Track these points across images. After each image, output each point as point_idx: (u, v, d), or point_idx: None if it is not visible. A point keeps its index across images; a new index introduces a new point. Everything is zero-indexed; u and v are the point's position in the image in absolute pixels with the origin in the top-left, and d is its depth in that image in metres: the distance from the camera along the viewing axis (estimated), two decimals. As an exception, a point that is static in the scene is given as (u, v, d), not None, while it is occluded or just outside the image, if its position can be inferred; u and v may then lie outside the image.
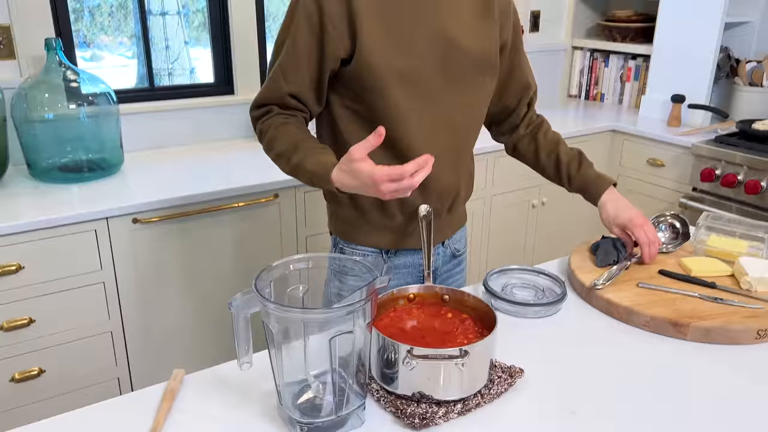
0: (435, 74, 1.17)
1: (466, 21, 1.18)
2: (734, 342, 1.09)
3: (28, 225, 1.65)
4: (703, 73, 2.70)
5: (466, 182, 1.34)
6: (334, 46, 1.12)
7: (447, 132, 1.23)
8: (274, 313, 0.79)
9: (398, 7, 1.13)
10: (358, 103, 1.18)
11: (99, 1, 2.58)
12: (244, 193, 1.94)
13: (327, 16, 1.10)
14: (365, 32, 1.10)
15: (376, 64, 1.12)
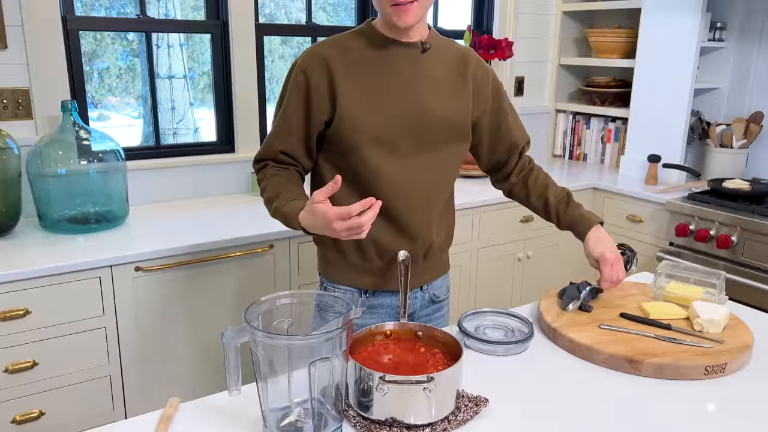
0: (408, 139, 1.32)
1: (440, 92, 1.34)
2: (684, 377, 1.19)
3: (37, 272, 1.77)
4: (677, 135, 2.87)
5: (441, 232, 1.46)
6: (318, 112, 1.31)
7: (420, 187, 1.36)
8: (261, 340, 0.90)
9: (377, 78, 1.30)
10: (339, 160, 1.34)
11: (108, 63, 2.76)
12: (241, 244, 2.06)
13: (313, 87, 1.30)
14: (344, 100, 1.29)
15: (351, 127, 1.29)
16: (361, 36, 1.34)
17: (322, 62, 1.30)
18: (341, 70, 1.29)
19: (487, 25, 3.23)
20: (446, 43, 1.40)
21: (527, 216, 2.80)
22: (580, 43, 3.49)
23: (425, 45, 1.34)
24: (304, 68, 1.31)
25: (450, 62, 1.38)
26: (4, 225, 2.00)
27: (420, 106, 1.31)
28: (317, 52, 1.32)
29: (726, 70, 2.95)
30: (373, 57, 1.31)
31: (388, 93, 1.30)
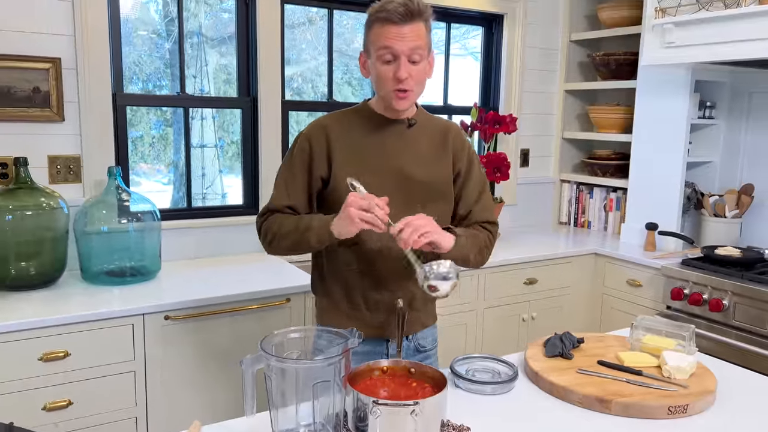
0: (393, 199, 1.47)
1: (423, 160, 1.57)
2: (649, 416, 1.33)
3: (77, 318, 1.97)
4: (672, 204, 3.05)
5: None
6: (317, 170, 1.55)
7: None
8: (273, 364, 1.08)
9: (366, 151, 1.55)
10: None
11: (142, 132, 3.05)
12: (260, 297, 2.25)
13: (314, 150, 1.55)
14: (338, 163, 1.54)
15: (343, 188, 1.50)
16: (357, 112, 1.60)
17: (322, 131, 1.56)
18: (338, 138, 1.54)
19: (493, 103, 3.50)
20: (431, 119, 1.65)
21: (531, 278, 2.96)
22: (582, 118, 3.74)
23: (411, 121, 1.59)
24: (309, 136, 1.57)
25: (433, 135, 1.61)
26: (51, 277, 2.23)
27: (404, 172, 1.55)
28: (319, 123, 1.58)
29: (717, 145, 3.15)
30: (366, 130, 1.56)
31: (377, 160, 1.54)
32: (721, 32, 2.50)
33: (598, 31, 3.50)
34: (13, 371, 1.90)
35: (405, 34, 1.44)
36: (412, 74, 1.47)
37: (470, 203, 1.66)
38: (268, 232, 1.56)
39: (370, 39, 1.49)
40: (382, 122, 1.57)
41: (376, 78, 1.51)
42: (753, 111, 3.03)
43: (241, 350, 2.26)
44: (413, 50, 1.45)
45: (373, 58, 1.50)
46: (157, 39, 2.72)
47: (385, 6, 1.45)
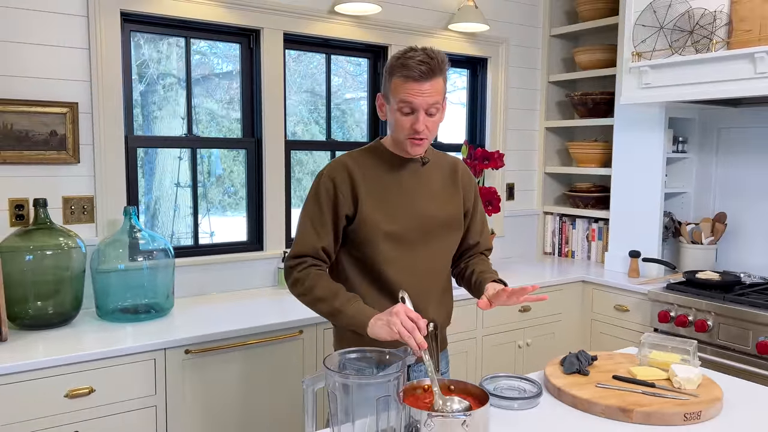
0: (413, 234, 1.65)
1: (436, 194, 1.71)
2: (668, 423, 1.45)
3: (101, 354, 2.01)
4: (653, 233, 3.24)
5: (442, 313, 1.76)
6: (343, 208, 1.62)
7: (423, 272, 1.68)
8: (338, 380, 1.17)
9: (386, 189, 1.65)
10: (357, 251, 1.66)
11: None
12: (274, 330, 2.33)
13: (339, 189, 1.63)
14: (363, 204, 1.62)
15: (371, 226, 1.61)
16: (373, 152, 1.69)
17: (344, 169, 1.64)
18: (359, 178, 1.63)
19: (479, 140, 3.69)
20: (440, 155, 1.78)
21: (525, 306, 3.09)
22: (562, 154, 3.95)
23: (424, 159, 1.71)
24: (332, 176, 1.64)
25: (444, 171, 1.75)
26: (68, 315, 2.26)
27: (424, 210, 1.66)
28: (340, 162, 1.66)
29: (691, 177, 3.38)
30: (385, 168, 1.67)
31: (398, 199, 1.65)
32: (692, 74, 2.73)
33: (574, 72, 3.74)
34: (41, 408, 1.92)
35: (425, 90, 1.53)
36: (429, 126, 1.59)
37: (477, 235, 1.85)
38: (299, 283, 1.62)
39: (391, 88, 1.58)
40: (399, 161, 1.68)
41: (393, 124, 1.61)
42: (721, 145, 3.27)
43: (258, 382, 2.31)
44: (431, 105, 1.56)
45: (392, 106, 1.60)
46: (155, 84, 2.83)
47: (407, 61, 1.52)
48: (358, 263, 1.67)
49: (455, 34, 3.42)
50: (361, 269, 1.67)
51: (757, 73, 2.51)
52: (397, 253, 1.64)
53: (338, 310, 1.56)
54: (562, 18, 3.84)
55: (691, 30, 2.73)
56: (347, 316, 1.54)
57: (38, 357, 1.92)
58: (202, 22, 2.68)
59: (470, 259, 1.85)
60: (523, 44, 3.74)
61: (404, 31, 3.21)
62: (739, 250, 3.21)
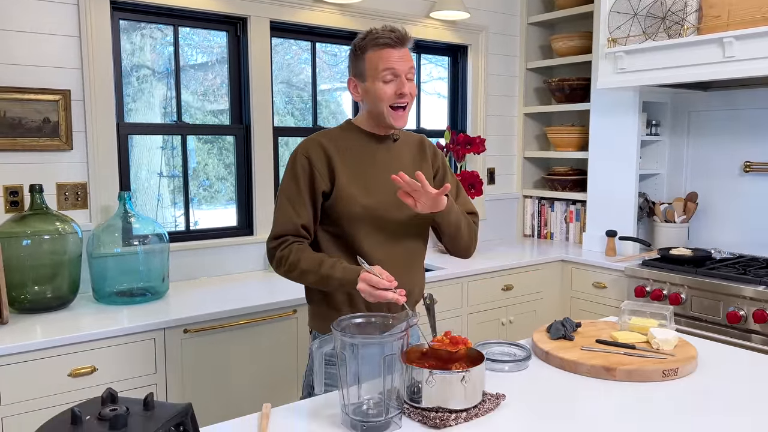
0: (388, 207, 1.70)
1: (408, 168, 1.75)
2: (648, 380, 1.57)
3: (102, 334, 2.07)
4: (628, 213, 3.38)
5: (415, 289, 1.81)
6: (319, 184, 1.66)
7: (399, 247, 1.73)
8: (347, 341, 1.25)
9: (361, 164, 1.70)
10: (335, 227, 1.69)
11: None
12: (269, 309, 2.40)
13: (314, 165, 1.66)
14: (339, 179, 1.66)
15: (346, 200, 1.65)
16: (345, 130, 1.74)
17: (318, 146, 1.68)
18: (334, 154, 1.67)
19: (461, 126, 3.78)
20: (407, 134, 1.84)
21: (508, 284, 3.21)
22: (540, 138, 4.07)
23: (395, 136, 1.78)
24: (307, 153, 1.67)
25: (412, 147, 1.82)
26: (66, 299, 2.31)
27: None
28: (314, 140, 1.70)
29: (663, 159, 3.53)
30: (358, 146, 1.71)
31: (373, 173, 1.70)
32: (665, 59, 2.85)
33: (551, 59, 3.85)
34: (46, 387, 1.97)
35: (403, 55, 1.66)
36: (410, 91, 1.68)
37: (453, 195, 1.86)
38: (283, 260, 1.64)
39: (367, 65, 1.66)
40: (372, 138, 1.74)
41: (374, 98, 1.66)
42: (692, 128, 3.42)
43: (254, 359, 2.39)
44: (410, 69, 1.67)
45: (370, 81, 1.66)
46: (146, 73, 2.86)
47: (377, 34, 1.65)
48: (337, 240, 1.70)
49: (437, 22, 3.50)
50: (339, 245, 1.69)
51: (725, 57, 2.64)
52: (374, 229, 1.68)
53: (326, 276, 1.59)
54: (539, 6, 3.95)
55: (664, 16, 2.85)
56: (336, 279, 1.58)
57: (39, 338, 1.97)
58: (190, 10, 2.72)
59: None
60: (502, 32, 3.84)
61: (387, 18, 3.28)
62: (710, 227, 3.36)
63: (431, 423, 1.31)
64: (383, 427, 1.29)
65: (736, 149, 3.25)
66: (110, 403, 1.03)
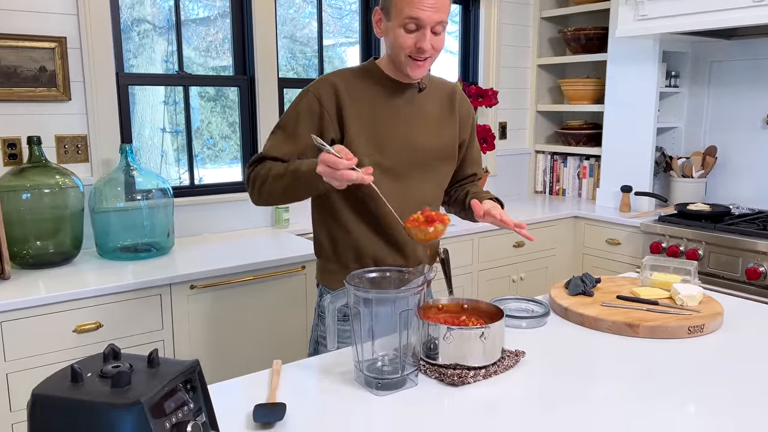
0: (405, 167, 1.56)
1: (432, 124, 1.60)
2: (672, 336, 1.50)
3: (108, 290, 2.02)
4: (644, 168, 3.28)
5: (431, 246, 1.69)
6: (327, 129, 1.51)
7: (415, 205, 1.54)
8: (361, 296, 1.19)
9: (378, 117, 1.54)
10: None
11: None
12: (277, 265, 2.34)
13: (325, 108, 1.51)
14: (351, 128, 1.50)
15: (357, 154, 1.44)
16: (366, 72, 1.56)
17: (332, 90, 1.51)
18: (348, 100, 1.50)
19: (472, 77, 3.66)
20: (437, 81, 1.67)
21: (519, 242, 3.14)
22: (554, 91, 3.94)
23: (422, 85, 1.59)
24: (318, 94, 1.50)
25: (441, 98, 1.64)
26: (70, 254, 2.25)
27: (415, 140, 1.55)
28: (328, 80, 1.52)
29: (682, 111, 3.41)
30: (376, 93, 1.54)
31: (390, 129, 1.53)
32: (689, 4, 2.71)
33: (567, 8, 3.70)
34: (50, 343, 1.93)
35: (436, 4, 1.43)
36: (434, 45, 1.49)
37: (474, 165, 1.77)
38: (258, 178, 1.50)
39: (395, 3, 1.45)
40: (394, 86, 1.56)
41: (393, 43, 1.49)
42: (713, 79, 3.28)
43: (262, 315, 2.34)
44: (438, 23, 1.47)
45: (393, 22, 1.46)
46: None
47: None
48: (348, 197, 1.56)
49: (448, -32, 3.34)
50: (350, 204, 1.56)
51: (754, 2, 2.50)
52: (387, 185, 1.53)
53: (294, 170, 1.43)
54: (555, -49, 3.78)
55: (689, -41, 2.70)
56: (302, 171, 1.41)
57: (43, 293, 1.92)
58: (190, -48, 2.59)
59: (464, 185, 1.77)
60: (515, -21, 3.68)
61: (396, -37, 3.12)
62: (728, 182, 3.27)
63: (449, 380, 1.25)
64: (399, 384, 1.23)
65: (758, 101, 3.12)
66: (113, 359, 0.97)
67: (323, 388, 1.25)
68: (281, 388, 1.24)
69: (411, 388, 1.24)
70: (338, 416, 1.13)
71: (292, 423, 1.11)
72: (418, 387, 1.25)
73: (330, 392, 1.23)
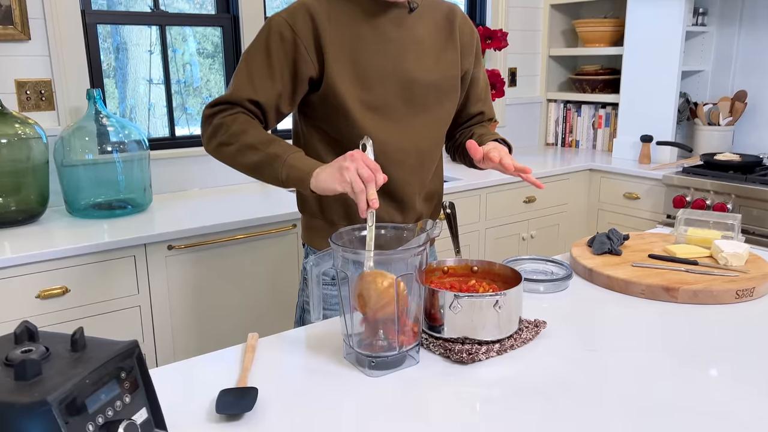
0: (398, 104, 1.29)
1: (427, 50, 1.32)
2: (718, 302, 1.29)
3: (75, 251, 1.80)
4: (667, 115, 3.02)
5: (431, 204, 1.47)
6: (305, 65, 1.24)
7: (412, 151, 1.33)
8: (350, 257, 0.97)
9: (362, 44, 1.26)
10: (327, 126, 1.29)
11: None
12: (266, 223, 2.12)
13: (300, 38, 1.23)
14: (331, 62, 1.24)
15: (341, 92, 1.24)
16: None
17: (306, 15, 1.24)
18: (327, 27, 1.24)
19: (480, 18, 3.36)
20: (432, 0, 1.38)
21: (530, 196, 2.91)
22: (567, 34, 3.64)
23: (412, 5, 1.31)
24: (291, 21, 1.24)
25: (437, 20, 1.36)
26: (35, 212, 2.03)
27: (407, 71, 1.29)
28: (301, 4, 1.25)
29: (709, 53, 3.12)
30: (359, 16, 1.27)
31: (376, 57, 1.27)
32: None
33: (583, -60, 3.37)
34: (10, 310, 1.73)
35: None
36: None
37: (480, 102, 1.49)
38: (222, 130, 1.23)
39: None
40: (378, 5, 1.28)
41: None
42: (746, 16, 2.99)
43: (249, 278, 2.14)
44: None
45: None
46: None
47: None
48: (331, 142, 1.32)
49: None
50: (335, 149, 1.31)
51: None
52: (379, 129, 1.29)
53: (275, 155, 1.18)
54: None
55: None
56: (287, 165, 1.17)
57: (5, 254, 1.71)
58: None
59: (470, 128, 1.49)
60: None
61: None
62: (759, 130, 3.00)
63: (456, 357, 1.04)
64: (397, 363, 1.03)
65: (796, 40, 2.84)
66: (26, 341, 0.76)
67: (306, 368, 1.04)
68: (255, 369, 1.04)
69: (411, 367, 1.04)
70: (321, 403, 0.92)
71: (264, 413, 0.90)
72: (420, 365, 1.04)
73: (313, 373, 1.02)
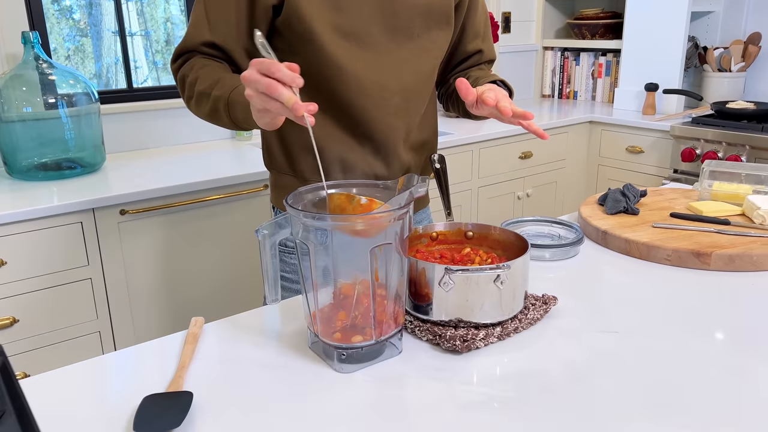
0: (376, 30, 1.07)
1: None
2: (758, 268, 1.08)
3: (11, 217, 1.57)
4: (674, 61, 2.78)
5: (421, 154, 1.23)
6: None
7: (396, 89, 1.11)
8: (311, 224, 0.75)
9: None
10: (296, 58, 1.06)
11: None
12: (233, 184, 1.89)
13: None
14: None
15: (306, 14, 1.02)
16: None
17: None
18: None
19: (471, -43, 3.07)
20: None
21: (526, 152, 2.68)
22: (565, -25, 3.36)
23: None
24: None
25: None
26: (-34, 173, 1.79)
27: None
28: None
29: (720, -7, 2.87)
30: None
31: None
32: None
33: None
34: (-66, 288, 1.51)
35: None
36: None
37: (479, 37, 1.24)
38: (184, 83, 1.08)
39: None
40: None
41: None
42: (761, -50, 2.73)
43: (215, 245, 1.92)
44: None
45: None
46: None
47: None
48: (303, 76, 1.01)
49: None
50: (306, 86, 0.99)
51: None
52: (356, 61, 1.07)
53: (218, 97, 1.00)
54: None
55: None
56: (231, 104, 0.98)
57: None
58: None
59: (467, 70, 1.26)
60: None
61: None
62: (773, 77, 2.78)
63: (448, 345, 0.83)
64: (374, 354, 0.82)
65: (817, -25, 2.59)
66: None
67: (259, 363, 0.83)
68: (194, 365, 0.82)
69: (392, 359, 0.83)
70: (277, 410, 0.71)
71: (197, 428, 0.69)
72: (403, 356, 0.84)
73: (268, 369, 0.81)
